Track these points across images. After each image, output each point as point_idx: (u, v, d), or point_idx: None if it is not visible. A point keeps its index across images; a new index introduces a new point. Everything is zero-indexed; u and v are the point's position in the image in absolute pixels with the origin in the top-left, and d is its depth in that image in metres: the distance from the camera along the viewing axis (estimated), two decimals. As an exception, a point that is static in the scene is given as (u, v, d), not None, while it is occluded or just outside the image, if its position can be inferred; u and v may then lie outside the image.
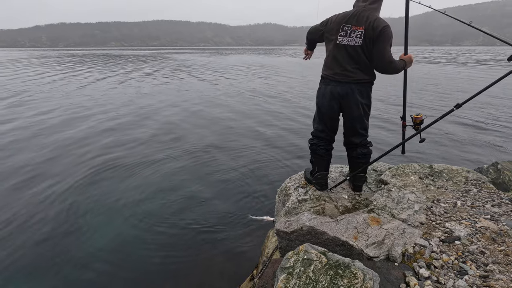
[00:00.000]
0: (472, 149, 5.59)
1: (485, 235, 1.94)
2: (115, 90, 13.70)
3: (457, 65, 28.35)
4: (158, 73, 21.93)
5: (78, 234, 3.44)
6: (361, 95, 2.19)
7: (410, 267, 1.75)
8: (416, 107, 9.17)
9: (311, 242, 2.12)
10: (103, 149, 5.82)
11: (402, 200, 2.38)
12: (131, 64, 31.50)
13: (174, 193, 4.20)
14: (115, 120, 8.07)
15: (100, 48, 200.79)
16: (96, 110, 9.41)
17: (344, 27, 2.13)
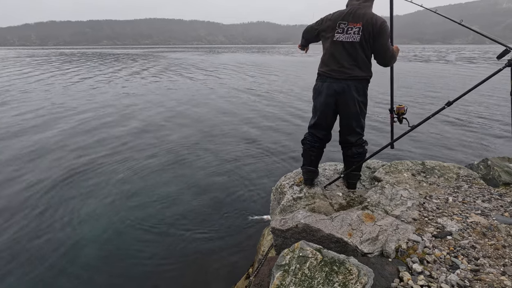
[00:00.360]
0: (463, 146, 5.69)
1: (476, 230, 1.98)
2: (101, 89, 13.50)
3: (447, 63, 28.77)
4: (147, 72, 21.73)
5: (62, 240, 3.34)
6: (357, 92, 2.20)
7: (404, 263, 1.78)
8: (408, 104, 9.28)
9: (306, 239, 2.14)
10: (84, 149, 5.71)
11: (395, 197, 2.41)
12: (121, 63, 31.16)
13: (165, 193, 4.16)
14: (99, 120, 7.91)
15: (91, 47, 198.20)
16: (81, 109, 9.25)
17: (340, 24, 2.16)
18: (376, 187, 2.60)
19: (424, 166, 3.00)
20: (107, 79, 17.23)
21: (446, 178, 2.78)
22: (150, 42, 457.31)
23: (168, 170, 4.83)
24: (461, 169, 2.96)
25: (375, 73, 2.30)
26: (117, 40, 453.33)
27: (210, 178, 4.59)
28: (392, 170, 2.90)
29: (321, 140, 2.48)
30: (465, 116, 7.98)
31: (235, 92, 12.72)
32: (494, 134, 6.31)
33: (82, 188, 4.29)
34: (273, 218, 2.38)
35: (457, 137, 6.24)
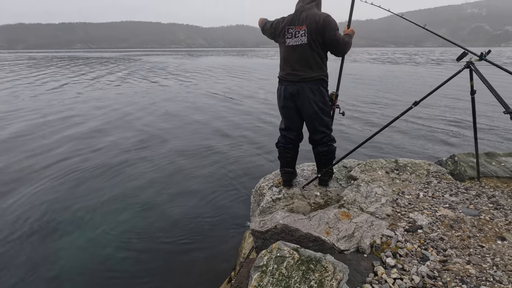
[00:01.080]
0: (434, 143, 5.98)
1: (444, 222, 2.08)
2: (69, 94, 12.89)
3: (417, 65, 30.14)
4: (121, 76, 21.01)
5: (38, 252, 3.18)
6: (312, 92, 2.26)
7: (378, 257, 1.84)
8: (378, 104, 9.61)
9: (285, 239, 2.17)
10: (55, 157, 5.45)
11: (370, 194, 2.49)
12: (95, 67, 30.01)
13: (142, 202, 4.04)
14: (73, 128, 7.58)
15: (64, 50, 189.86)
16: (50, 117, 8.80)
17: (289, 29, 2.25)
18: (352, 185, 2.67)
19: (397, 163, 3.12)
20: (82, 85, 16.53)
21: (418, 175, 2.91)
22: (127, 46, 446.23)
23: (144, 177, 4.70)
24: (431, 165, 3.11)
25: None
26: (91, 43, 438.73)
27: (188, 183, 4.52)
28: (367, 169, 3.00)
29: (293, 141, 2.53)
30: (435, 115, 8.38)
31: (211, 95, 12.62)
32: (461, 131, 6.66)
33: (56, 199, 4.10)
34: (253, 220, 2.39)
35: (429, 135, 6.54)
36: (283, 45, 2.33)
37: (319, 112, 2.32)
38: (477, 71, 1.71)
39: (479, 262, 1.67)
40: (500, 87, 11.69)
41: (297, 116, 2.43)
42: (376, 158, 3.29)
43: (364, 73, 21.40)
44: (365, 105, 9.78)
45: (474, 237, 1.90)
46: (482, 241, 1.86)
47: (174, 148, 5.96)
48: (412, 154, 5.32)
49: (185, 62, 38.68)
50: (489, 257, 1.71)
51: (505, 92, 10.90)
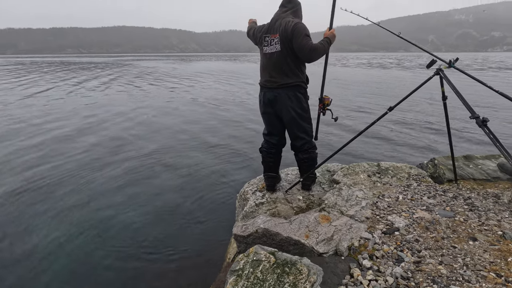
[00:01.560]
0: (417, 146, 6.09)
1: (420, 224, 2.14)
2: (58, 100, 12.61)
3: (404, 70, 30.70)
4: (114, 81, 20.58)
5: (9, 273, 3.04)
6: (289, 99, 2.31)
7: (355, 260, 1.88)
8: (364, 108, 9.74)
9: (266, 244, 2.19)
10: (29, 166, 5.32)
11: (351, 198, 2.54)
12: (86, 72, 29.53)
13: (127, 207, 3.97)
14: (50, 133, 7.42)
15: (54, 55, 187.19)
16: (34, 122, 8.63)
17: (265, 38, 2.31)
18: (334, 189, 2.72)
19: (379, 167, 3.19)
20: (67, 90, 16.13)
21: (399, 178, 2.98)
22: (120, 51, 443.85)
23: (126, 185, 4.60)
24: (412, 168, 3.18)
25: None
26: (82, 48, 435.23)
27: (172, 190, 4.44)
28: (350, 172, 3.06)
29: (276, 146, 2.57)
30: (419, 119, 8.54)
31: (201, 100, 12.56)
32: (444, 134, 6.79)
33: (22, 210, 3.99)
34: (236, 225, 2.42)
35: (413, 138, 6.65)
36: (261, 53, 2.40)
37: (297, 118, 2.36)
38: (446, 78, 1.79)
39: (451, 262, 1.73)
40: (473, 93, 11.87)
41: (278, 122, 2.48)
42: (360, 162, 3.34)
43: (352, 78, 21.71)
44: (351, 110, 9.92)
45: (448, 238, 1.96)
46: (455, 242, 1.91)
47: (155, 153, 5.90)
48: (395, 158, 5.40)
49: (177, 67, 38.62)
50: (460, 257, 1.76)
51: (477, 96, 11.20)
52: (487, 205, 2.37)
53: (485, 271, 1.62)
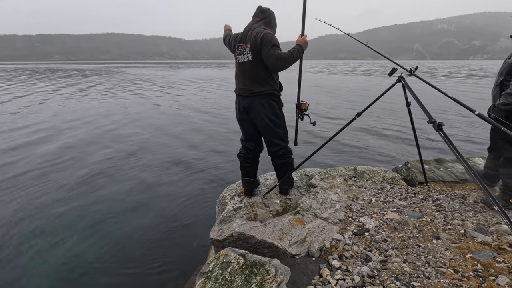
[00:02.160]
0: (396, 150, 6.28)
1: (390, 225, 2.22)
2: (31, 108, 12.21)
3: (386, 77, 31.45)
4: (94, 89, 19.98)
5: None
6: (263, 106, 2.38)
7: (326, 260, 1.94)
8: (345, 114, 9.91)
9: (242, 247, 2.23)
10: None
11: (326, 201, 2.61)
12: (68, 79, 28.73)
13: (99, 217, 3.89)
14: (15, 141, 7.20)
15: (41, 62, 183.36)
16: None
17: (239, 47, 2.38)
18: (310, 192, 2.79)
19: (355, 171, 3.28)
20: (45, 97, 15.78)
21: (374, 181, 3.07)
22: (108, 57, 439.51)
23: (99, 192, 4.51)
24: (387, 172, 3.29)
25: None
26: (70, 55, 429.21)
27: (152, 197, 4.39)
28: (327, 176, 3.14)
29: (252, 151, 2.63)
30: (400, 124, 8.78)
31: (183, 108, 12.45)
32: (422, 138, 6.98)
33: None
34: (213, 229, 2.44)
35: (390, 142, 6.86)
36: (235, 61, 2.46)
37: (270, 125, 2.43)
38: (407, 85, 1.89)
39: (414, 260, 1.81)
40: (434, 98, 12.01)
41: (254, 128, 2.54)
42: (338, 166, 3.44)
43: (336, 85, 22.11)
44: (332, 116, 10.13)
45: (414, 238, 2.04)
46: (420, 241, 2.00)
47: (133, 161, 5.85)
48: (373, 161, 5.56)
49: (165, 74, 38.47)
50: (423, 255, 1.85)
51: (443, 102, 11.50)
52: (454, 205, 2.49)
53: (444, 268, 1.70)
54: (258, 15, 2.39)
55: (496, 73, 2.51)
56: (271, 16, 2.41)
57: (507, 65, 2.33)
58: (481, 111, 1.71)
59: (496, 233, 2.04)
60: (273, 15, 2.42)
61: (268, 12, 2.39)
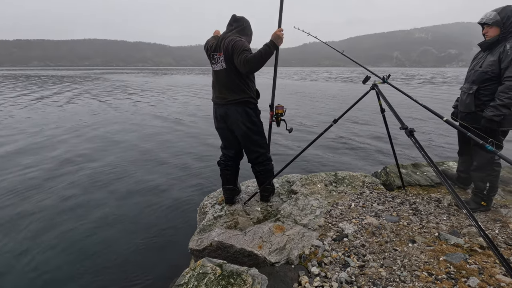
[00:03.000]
0: (374, 155, 6.43)
1: (368, 230, 2.25)
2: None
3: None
4: (64, 96, 18.80)
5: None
6: (239, 114, 2.37)
7: (305, 267, 1.93)
8: (324, 121, 10.05)
9: (221, 257, 2.19)
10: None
11: (306, 207, 2.62)
12: (36, 86, 27.05)
13: (68, 228, 3.71)
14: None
15: (18, 68, 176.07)
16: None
17: (214, 55, 2.38)
18: (291, 199, 2.79)
19: (336, 176, 3.32)
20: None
21: (353, 186, 3.12)
22: (90, 64, 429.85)
23: (70, 204, 4.31)
24: (367, 177, 3.35)
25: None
26: (49, 61, 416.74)
27: (129, 206, 4.26)
28: (307, 182, 3.15)
29: (232, 158, 2.61)
30: (372, 129, 9.01)
31: (153, 116, 12.00)
32: (399, 143, 7.16)
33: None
34: (192, 239, 2.39)
35: (370, 147, 7.02)
36: (212, 70, 2.45)
37: (248, 132, 2.41)
38: (380, 92, 1.95)
39: (390, 265, 1.83)
40: (408, 105, 12.38)
41: (232, 136, 2.52)
42: (319, 172, 3.46)
43: (320, 92, 22.50)
44: (312, 122, 10.29)
45: (391, 242, 2.08)
46: (397, 245, 2.03)
47: (111, 169, 5.67)
48: (354, 166, 5.66)
49: (148, 81, 37.90)
50: (399, 259, 1.88)
51: (418, 108, 11.85)
52: (429, 209, 2.55)
53: (419, 271, 1.74)
54: (232, 24, 2.39)
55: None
56: (245, 24, 2.40)
57: (479, 73, 2.36)
58: (449, 117, 1.77)
59: (468, 235, 2.11)
60: (247, 23, 2.41)
61: (242, 20, 2.39)
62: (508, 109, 2.17)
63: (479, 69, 2.37)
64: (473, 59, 2.55)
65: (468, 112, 2.45)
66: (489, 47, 2.34)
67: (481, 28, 2.37)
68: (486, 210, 2.48)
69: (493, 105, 2.24)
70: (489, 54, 2.33)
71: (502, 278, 1.63)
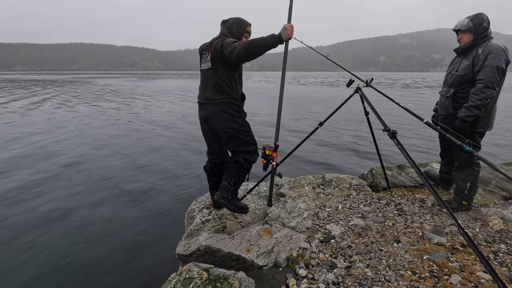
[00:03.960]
0: (361, 157, 6.54)
1: (354, 231, 2.28)
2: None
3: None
4: (49, 101, 18.29)
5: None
6: (221, 115, 2.28)
7: (293, 270, 1.94)
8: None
9: (209, 261, 2.17)
10: None
11: (294, 210, 2.63)
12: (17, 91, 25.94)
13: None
14: None
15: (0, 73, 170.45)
16: None
17: (203, 55, 2.38)
18: (279, 202, 2.80)
19: (324, 179, 3.36)
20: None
21: (341, 188, 3.16)
22: (77, 68, 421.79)
23: (46, 210, 4.16)
24: (354, 179, 3.40)
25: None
26: (34, 65, 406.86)
27: (116, 211, 4.17)
28: (296, 185, 3.18)
29: (218, 165, 2.57)
30: (360, 131, 9.17)
31: (136, 120, 11.84)
32: (384, 146, 7.28)
33: None
34: (179, 244, 2.36)
35: (356, 150, 7.14)
36: (200, 70, 2.43)
37: (234, 133, 2.30)
38: (363, 95, 2.00)
39: (376, 265, 1.86)
40: (395, 107, 12.82)
41: (215, 139, 2.44)
42: (306, 174, 3.49)
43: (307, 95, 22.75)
44: (298, 125, 10.39)
45: (377, 242, 2.11)
46: (382, 245, 2.07)
47: (95, 175, 5.54)
48: (341, 168, 5.73)
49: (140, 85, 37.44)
50: (385, 259, 1.91)
51: (401, 110, 12.16)
52: (414, 209, 2.61)
53: (403, 270, 1.77)
54: (221, 27, 2.41)
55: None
56: (232, 22, 2.33)
57: (455, 77, 2.48)
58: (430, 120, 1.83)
59: (450, 234, 2.17)
60: (234, 22, 2.34)
61: (229, 21, 2.36)
62: (479, 110, 2.29)
63: (456, 73, 2.49)
64: (450, 64, 2.66)
65: (447, 114, 2.55)
66: (464, 52, 2.46)
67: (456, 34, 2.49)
68: (467, 209, 2.55)
69: (466, 106, 2.37)
70: (464, 58, 2.45)
71: (482, 275, 1.68)
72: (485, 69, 2.25)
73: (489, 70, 2.23)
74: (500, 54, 2.23)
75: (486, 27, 2.34)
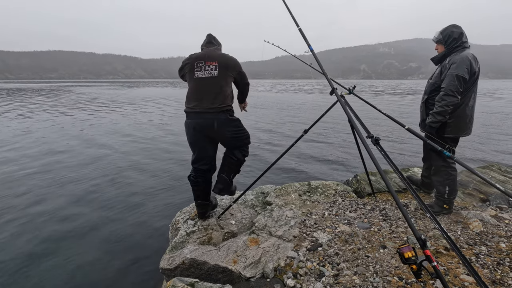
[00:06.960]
0: (345, 164, 6.65)
1: (341, 238, 2.28)
2: None
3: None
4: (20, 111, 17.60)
5: None
6: (222, 122, 2.36)
7: (281, 280, 1.91)
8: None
9: (194, 275, 2.10)
10: None
11: (281, 218, 2.61)
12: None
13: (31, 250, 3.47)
14: None
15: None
16: None
17: (198, 64, 2.42)
18: (266, 210, 2.77)
19: (309, 186, 3.36)
20: None
21: (326, 195, 3.17)
22: (56, 76, 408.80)
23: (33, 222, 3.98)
24: (339, 185, 3.42)
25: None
26: (9, 73, 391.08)
27: (95, 223, 4.01)
28: (282, 193, 3.16)
29: (204, 173, 2.52)
30: (345, 139, 9.37)
31: (114, 129, 11.76)
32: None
33: None
34: (163, 258, 2.28)
35: (340, 155, 7.26)
36: (192, 79, 2.41)
37: (235, 135, 2.46)
38: (346, 103, 2.03)
39: (363, 272, 1.85)
40: (378, 114, 13.34)
41: (210, 145, 2.48)
42: (292, 181, 3.49)
43: (292, 103, 23.06)
44: (283, 132, 10.48)
45: (363, 249, 2.11)
46: (369, 251, 2.07)
47: (77, 185, 5.35)
48: (327, 175, 5.80)
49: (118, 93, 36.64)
50: (372, 265, 1.91)
51: (383, 117, 12.63)
52: (398, 214, 2.65)
53: (390, 276, 1.78)
54: (212, 42, 2.60)
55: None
56: (220, 46, 2.66)
57: (429, 85, 2.66)
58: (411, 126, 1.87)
59: (433, 238, 2.21)
60: (214, 37, 2.67)
61: (218, 41, 2.67)
62: (443, 116, 2.44)
63: (430, 80, 2.66)
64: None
65: (423, 119, 2.70)
66: (439, 61, 2.60)
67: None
68: (448, 212, 2.62)
69: (431, 112, 2.53)
70: (438, 67, 2.59)
71: (466, 277, 1.71)
72: (446, 78, 2.43)
73: (449, 79, 2.39)
74: (462, 64, 2.36)
75: (456, 38, 2.46)
